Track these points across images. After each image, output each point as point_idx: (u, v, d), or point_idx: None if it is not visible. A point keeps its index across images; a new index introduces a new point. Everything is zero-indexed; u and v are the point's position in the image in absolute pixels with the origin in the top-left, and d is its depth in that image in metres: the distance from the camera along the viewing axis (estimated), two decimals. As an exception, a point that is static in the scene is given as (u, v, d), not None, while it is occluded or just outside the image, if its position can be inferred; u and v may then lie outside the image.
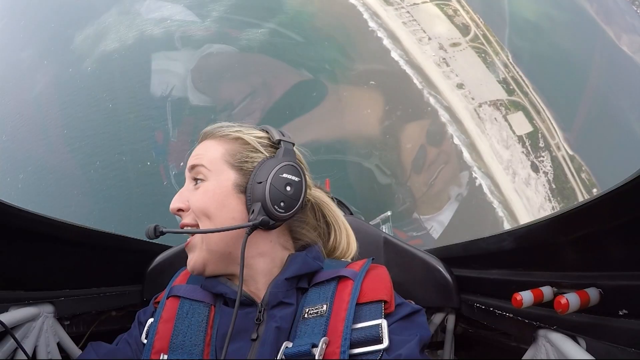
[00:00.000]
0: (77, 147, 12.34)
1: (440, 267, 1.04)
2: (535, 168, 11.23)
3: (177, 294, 0.70)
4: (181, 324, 0.65)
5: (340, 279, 0.66)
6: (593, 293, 0.62)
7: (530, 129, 11.72)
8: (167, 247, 1.13)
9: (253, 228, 0.65)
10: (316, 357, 0.56)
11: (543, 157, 11.42)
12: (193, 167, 0.71)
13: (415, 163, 10.95)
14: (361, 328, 0.60)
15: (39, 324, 0.84)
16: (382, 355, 0.57)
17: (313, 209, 0.79)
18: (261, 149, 0.72)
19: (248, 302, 0.66)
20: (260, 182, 0.66)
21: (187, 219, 0.69)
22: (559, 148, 11.40)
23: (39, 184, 12.16)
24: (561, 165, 11.32)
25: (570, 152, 11.30)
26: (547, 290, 0.70)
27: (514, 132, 11.67)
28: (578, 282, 0.67)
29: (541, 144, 11.55)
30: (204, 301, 0.68)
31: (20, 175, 12.53)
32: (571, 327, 0.71)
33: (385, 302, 0.63)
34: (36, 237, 0.81)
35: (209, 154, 0.71)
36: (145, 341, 0.67)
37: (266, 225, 0.65)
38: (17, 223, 0.75)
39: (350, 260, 0.77)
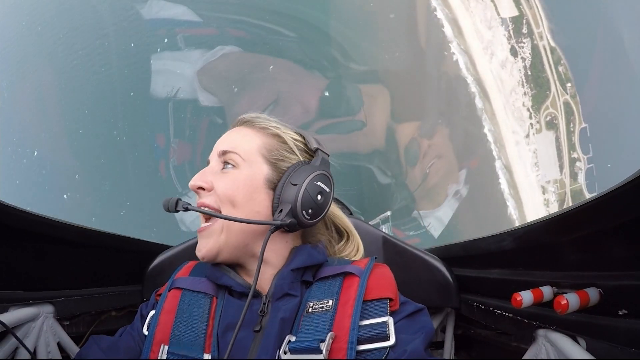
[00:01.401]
0: (57, 40, 11.78)
1: (441, 267, 1.04)
2: (514, 52, 11.00)
3: (179, 286, 0.70)
4: (182, 315, 0.65)
5: (346, 275, 0.67)
6: (593, 293, 0.62)
7: (515, 13, 11.27)
8: (167, 247, 1.13)
9: (278, 227, 0.65)
10: (323, 352, 0.56)
11: (524, 43, 11.13)
12: (225, 152, 0.71)
13: (407, 156, 10.87)
14: (367, 325, 0.60)
15: (38, 324, 0.84)
16: (387, 352, 0.57)
17: (324, 220, 0.81)
18: (297, 151, 0.72)
19: (253, 294, 0.65)
20: (295, 185, 0.67)
21: (207, 199, 0.68)
22: (541, 37, 11.02)
23: (24, 85, 11.77)
24: (540, 54, 11.05)
25: (552, 44, 10.97)
26: (547, 290, 0.70)
27: (498, 14, 11.25)
28: (578, 282, 0.67)
29: (524, 30, 11.22)
30: (206, 292, 0.68)
31: (3, 83, 12.21)
32: (571, 327, 0.70)
33: (390, 299, 0.63)
34: (36, 237, 0.81)
35: (245, 142, 0.71)
36: (146, 333, 0.67)
37: (292, 228, 0.66)
38: (18, 223, 0.75)
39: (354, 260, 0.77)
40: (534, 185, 10.92)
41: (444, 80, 11.12)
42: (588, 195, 10.67)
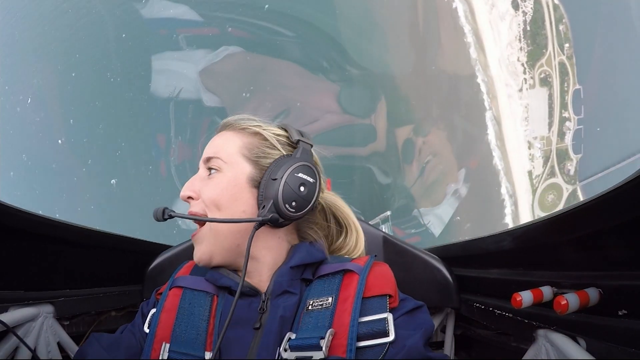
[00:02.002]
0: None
1: (441, 267, 1.04)
2: (515, 5, 10.78)
3: (180, 285, 0.70)
4: (184, 314, 0.66)
5: (345, 272, 0.67)
6: (593, 293, 0.62)
7: (519, -35, 10.90)
8: (167, 247, 1.13)
9: (261, 223, 0.65)
10: (322, 349, 0.56)
11: (526, -3, 10.92)
12: (209, 158, 0.71)
13: (404, 154, 10.78)
14: (367, 321, 0.60)
15: (38, 324, 0.84)
16: (387, 348, 0.57)
17: (324, 211, 0.80)
18: (279, 146, 0.72)
19: (252, 293, 0.66)
20: (275, 179, 0.67)
21: (195, 207, 0.69)
22: (544, -6, 10.82)
23: (14, 32, 11.60)
24: (542, 11, 10.74)
25: (556, 1, 10.68)
26: (546, 291, 0.71)
27: (502, -36, 10.88)
28: (578, 282, 0.67)
29: (528, -16, 10.98)
30: (207, 291, 0.68)
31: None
32: (571, 327, 0.71)
33: (390, 296, 0.63)
34: (36, 237, 0.81)
35: (227, 146, 0.72)
36: (147, 331, 0.67)
37: (275, 222, 0.66)
38: (18, 223, 0.75)
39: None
40: (521, 139, 10.76)
41: (445, 79, 11.06)
42: (573, 156, 10.49)
